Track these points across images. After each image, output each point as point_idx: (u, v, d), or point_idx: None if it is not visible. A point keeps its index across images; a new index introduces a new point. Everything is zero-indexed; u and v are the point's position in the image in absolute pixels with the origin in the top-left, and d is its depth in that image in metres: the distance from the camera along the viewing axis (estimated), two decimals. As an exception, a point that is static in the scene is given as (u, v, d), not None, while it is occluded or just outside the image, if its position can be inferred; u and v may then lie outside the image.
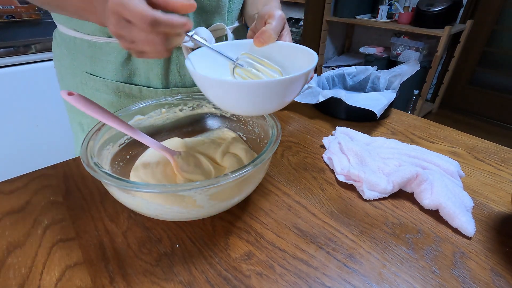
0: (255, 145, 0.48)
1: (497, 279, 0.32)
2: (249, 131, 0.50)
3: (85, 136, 0.37)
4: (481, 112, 2.35)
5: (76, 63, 0.53)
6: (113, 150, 0.42)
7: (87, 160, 0.33)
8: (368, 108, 0.58)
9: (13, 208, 0.41)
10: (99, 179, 0.30)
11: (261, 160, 0.33)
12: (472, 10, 2.12)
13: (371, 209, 0.41)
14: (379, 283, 0.31)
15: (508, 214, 0.41)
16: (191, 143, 0.50)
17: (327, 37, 2.53)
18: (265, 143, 0.44)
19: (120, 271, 0.32)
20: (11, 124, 1.13)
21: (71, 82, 0.56)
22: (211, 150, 0.48)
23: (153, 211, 0.34)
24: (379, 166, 0.45)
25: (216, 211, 0.36)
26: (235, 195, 0.36)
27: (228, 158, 0.46)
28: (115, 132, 0.41)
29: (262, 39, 0.37)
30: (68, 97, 0.33)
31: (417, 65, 0.68)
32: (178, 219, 0.37)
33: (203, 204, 0.34)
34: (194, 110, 0.51)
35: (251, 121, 0.49)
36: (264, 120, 0.43)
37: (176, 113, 0.50)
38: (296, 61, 0.38)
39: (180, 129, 0.52)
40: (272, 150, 0.35)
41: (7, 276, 0.32)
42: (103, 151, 0.39)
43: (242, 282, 0.31)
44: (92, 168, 0.31)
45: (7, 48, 1.04)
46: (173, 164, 0.42)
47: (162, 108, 0.48)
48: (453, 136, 0.60)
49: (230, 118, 0.52)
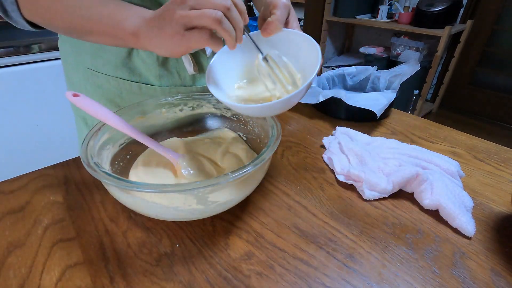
0: (256, 145, 0.48)
1: (497, 279, 0.32)
2: (249, 131, 0.49)
3: (85, 136, 0.37)
4: (481, 112, 2.35)
5: (79, 59, 0.54)
6: (113, 150, 0.42)
7: (87, 160, 0.33)
8: (368, 108, 0.58)
9: (13, 208, 0.41)
10: (99, 179, 0.30)
11: (261, 160, 0.33)
12: (472, 10, 2.11)
13: (371, 209, 0.41)
14: (379, 283, 0.31)
15: (508, 214, 0.41)
16: (191, 143, 0.50)
17: (327, 37, 2.53)
18: (265, 143, 0.43)
19: (120, 271, 0.32)
20: (11, 124, 1.13)
21: (75, 78, 0.58)
22: (211, 150, 0.48)
23: (153, 211, 0.34)
24: (379, 166, 0.45)
25: (216, 211, 0.36)
26: (235, 195, 0.35)
27: (228, 158, 0.45)
28: (115, 131, 0.41)
29: (269, 29, 0.38)
30: (74, 98, 0.34)
31: (417, 65, 0.68)
32: (178, 219, 0.37)
33: (203, 204, 0.33)
34: (194, 110, 0.50)
35: (251, 121, 0.48)
36: (265, 120, 0.43)
37: (176, 113, 0.50)
38: (301, 51, 0.39)
39: (180, 129, 0.52)
40: (272, 150, 0.35)
41: (7, 276, 0.32)
42: (103, 151, 0.39)
43: (242, 282, 0.31)
44: (92, 168, 0.31)
45: (7, 48, 1.04)
46: (176, 168, 0.41)
47: (162, 108, 0.48)
48: (453, 136, 0.60)
49: (230, 118, 0.52)
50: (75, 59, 0.55)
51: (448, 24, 1.85)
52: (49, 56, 1.13)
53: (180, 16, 0.31)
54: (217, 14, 0.30)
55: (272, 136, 0.38)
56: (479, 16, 2.10)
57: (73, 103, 0.34)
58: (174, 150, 0.43)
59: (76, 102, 0.34)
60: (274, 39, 0.39)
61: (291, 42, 0.39)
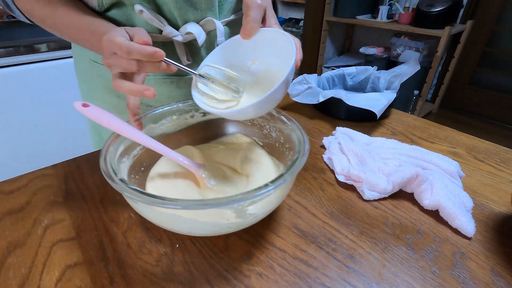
0: (274, 150, 0.46)
1: (497, 279, 0.32)
2: (266, 135, 0.48)
3: (101, 154, 0.35)
4: (481, 112, 2.35)
5: (83, 51, 0.57)
6: (128, 162, 0.39)
7: (110, 175, 0.31)
8: (368, 108, 0.58)
9: (13, 208, 0.41)
10: (129, 196, 0.28)
11: (297, 167, 0.31)
12: (472, 10, 2.11)
13: (371, 209, 0.41)
14: (379, 283, 0.31)
15: (508, 214, 0.41)
16: (206, 150, 0.48)
17: (327, 37, 2.53)
18: (286, 147, 0.42)
19: (120, 271, 0.32)
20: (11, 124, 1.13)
21: (80, 67, 0.60)
22: (229, 157, 0.46)
23: (186, 228, 0.32)
24: (379, 166, 0.45)
25: (250, 223, 0.34)
26: (272, 205, 0.34)
27: (248, 165, 0.44)
28: (129, 142, 0.39)
29: (247, 31, 0.39)
30: (83, 109, 0.33)
31: (417, 66, 0.68)
32: (211, 234, 0.35)
33: (241, 218, 0.32)
34: (206, 116, 0.49)
35: (268, 125, 0.46)
36: (284, 124, 0.41)
37: (187, 120, 0.48)
38: (280, 47, 0.39)
39: (191, 136, 0.49)
40: (306, 155, 0.33)
41: (7, 276, 0.32)
42: (120, 165, 0.37)
43: (242, 282, 0.31)
44: (123, 187, 0.29)
45: (7, 48, 1.04)
46: (199, 179, 0.40)
47: (173, 116, 0.46)
48: (453, 137, 0.60)
49: (244, 123, 0.50)
50: (80, 51, 0.58)
51: (448, 25, 1.85)
52: (49, 56, 1.13)
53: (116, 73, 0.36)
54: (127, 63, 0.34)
55: (300, 142, 0.36)
56: (479, 17, 2.10)
57: (83, 113, 0.33)
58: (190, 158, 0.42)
59: (85, 113, 0.33)
60: (255, 40, 0.40)
61: (269, 40, 0.40)
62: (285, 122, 0.41)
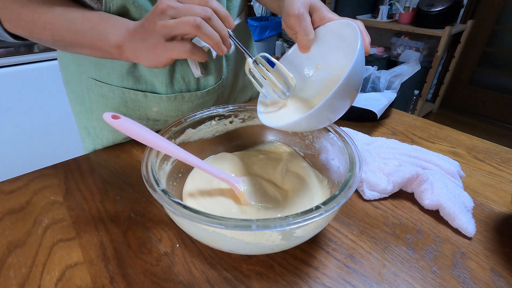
0: (315, 161, 0.44)
1: (497, 279, 0.32)
2: (307, 146, 0.45)
3: (143, 158, 0.33)
4: (481, 112, 2.35)
5: (81, 69, 0.53)
6: (167, 168, 0.38)
7: (151, 183, 0.29)
8: (368, 108, 0.58)
9: (13, 208, 0.41)
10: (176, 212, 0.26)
11: (349, 187, 0.29)
12: (473, 10, 2.11)
13: (371, 209, 0.41)
14: (379, 283, 0.31)
15: (508, 214, 0.41)
16: (243, 159, 0.46)
17: (327, 37, 2.53)
18: (331, 158, 0.40)
19: (120, 271, 0.32)
20: (11, 124, 1.13)
21: (77, 88, 0.56)
22: (270, 169, 0.44)
23: (228, 246, 0.31)
24: (379, 166, 0.45)
25: (293, 245, 0.32)
26: (319, 228, 0.32)
27: (289, 179, 0.42)
28: None
29: (303, 47, 0.39)
30: (113, 121, 0.30)
31: (418, 65, 0.68)
32: (252, 253, 0.33)
33: (287, 240, 0.30)
34: (245, 122, 0.47)
35: (310, 135, 0.44)
36: (328, 134, 0.40)
37: (226, 125, 0.46)
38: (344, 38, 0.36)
39: (229, 142, 0.48)
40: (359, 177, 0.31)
41: (7, 275, 0.32)
42: (160, 172, 0.35)
43: (242, 282, 0.31)
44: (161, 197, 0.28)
45: (7, 48, 1.04)
46: (239, 195, 0.38)
47: (212, 121, 0.45)
48: (453, 136, 0.60)
49: (285, 131, 0.47)
50: (78, 68, 0.54)
51: (448, 24, 1.85)
52: (49, 56, 1.13)
53: (160, 26, 0.32)
54: (196, 20, 0.31)
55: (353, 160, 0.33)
56: (479, 16, 2.10)
57: (113, 126, 0.30)
58: (226, 167, 0.41)
59: (116, 125, 0.31)
60: (317, 43, 0.39)
61: (329, 36, 0.38)
62: (329, 131, 0.39)
